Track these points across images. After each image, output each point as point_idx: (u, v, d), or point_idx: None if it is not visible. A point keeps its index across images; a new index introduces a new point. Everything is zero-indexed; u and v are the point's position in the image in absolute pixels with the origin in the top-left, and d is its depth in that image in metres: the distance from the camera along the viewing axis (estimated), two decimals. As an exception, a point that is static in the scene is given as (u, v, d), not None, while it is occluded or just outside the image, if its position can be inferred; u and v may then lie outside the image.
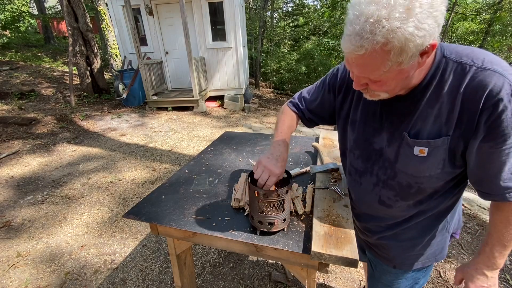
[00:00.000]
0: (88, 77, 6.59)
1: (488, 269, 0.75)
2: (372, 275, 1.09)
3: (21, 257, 2.05)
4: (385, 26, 0.51)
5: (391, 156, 0.78)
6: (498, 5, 12.12)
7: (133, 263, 2.01)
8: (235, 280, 1.84)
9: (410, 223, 0.86)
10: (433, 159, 0.70)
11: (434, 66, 0.66)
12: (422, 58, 0.58)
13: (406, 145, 0.73)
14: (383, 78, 0.62)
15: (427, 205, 0.81)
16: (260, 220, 0.91)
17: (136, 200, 2.79)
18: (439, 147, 0.68)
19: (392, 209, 0.86)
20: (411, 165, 0.74)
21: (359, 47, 0.56)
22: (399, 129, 0.75)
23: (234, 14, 6.35)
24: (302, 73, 11.32)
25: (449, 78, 0.64)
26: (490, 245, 0.73)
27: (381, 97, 0.70)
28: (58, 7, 14.48)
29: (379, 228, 0.94)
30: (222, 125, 5.41)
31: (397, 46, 0.53)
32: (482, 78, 0.60)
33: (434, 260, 0.92)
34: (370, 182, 0.87)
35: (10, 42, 11.47)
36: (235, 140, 1.91)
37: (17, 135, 4.37)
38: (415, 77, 0.66)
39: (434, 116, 0.68)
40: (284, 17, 16.57)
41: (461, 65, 0.63)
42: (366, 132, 0.84)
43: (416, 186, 0.77)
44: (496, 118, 0.59)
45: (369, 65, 0.59)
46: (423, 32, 0.52)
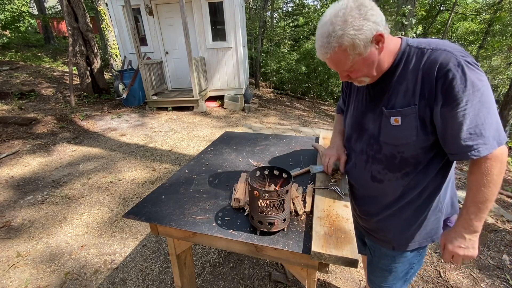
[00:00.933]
0: (88, 77, 6.59)
1: (466, 231, 0.82)
2: (370, 261, 1.17)
3: (21, 257, 2.05)
4: (334, 36, 0.76)
5: (375, 131, 0.92)
6: (498, 5, 12.11)
7: (133, 263, 2.01)
8: (235, 280, 1.84)
9: (403, 201, 0.94)
10: (406, 125, 0.83)
11: (400, 52, 0.84)
12: (379, 45, 0.79)
13: (385, 118, 0.88)
14: (355, 68, 0.83)
15: (414, 178, 0.90)
16: (260, 220, 0.92)
17: (136, 200, 2.79)
18: (409, 115, 0.82)
19: (383, 184, 0.95)
20: (390, 135, 0.87)
21: (325, 53, 0.81)
22: (379, 107, 0.91)
23: (234, 14, 6.35)
24: (302, 73, 11.32)
25: (412, 60, 0.82)
26: (465, 208, 0.82)
27: (365, 81, 0.89)
28: (58, 7, 14.49)
29: (376, 209, 1.02)
30: (222, 125, 5.41)
31: (349, 45, 0.76)
32: (435, 56, 0.77)
33: (430, 241, 0.99)
34: (362, 160, 1.00)
35: (10, 42, 11.47)
36: (235, 140, 1.91)
37: (17, 135, 4.37)
38: (386, 61, 0.84)
39: (403, 91, 0.84)
40: (284, 17, 16.56)
41: (420, 50, 0.81)
42: (358, 116, 1.01)
43: (399, 156, 0.88)
44: (448, 85, 0.73)
45: (338, 62, 0.82)
46: (362, 31, 0.75)
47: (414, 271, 1.09)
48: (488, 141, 0.73)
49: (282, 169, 1.04)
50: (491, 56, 13.91)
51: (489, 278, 1.84)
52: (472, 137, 0.74)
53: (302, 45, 13.23)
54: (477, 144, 0.74)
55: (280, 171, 1.05)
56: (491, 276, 1.85)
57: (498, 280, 1.82)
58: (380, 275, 1.13)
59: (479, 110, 0.72)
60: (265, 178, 1.10)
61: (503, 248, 2.12)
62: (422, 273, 1.90)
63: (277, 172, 1.05)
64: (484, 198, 0.77)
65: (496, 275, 1.86)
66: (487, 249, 2.11)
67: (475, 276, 1.86)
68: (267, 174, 1.09)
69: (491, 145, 0.73)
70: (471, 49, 14.82)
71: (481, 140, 0.73)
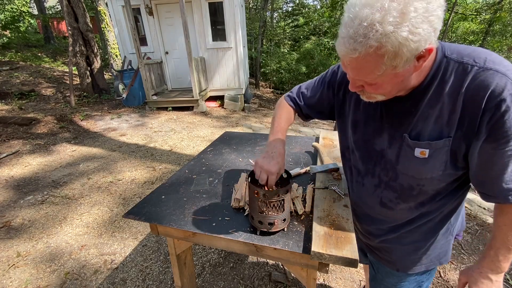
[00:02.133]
0: (88, 77, 6.59)
1: (493, 272, 0.73)
2: (374, 277, 1.08)
3: (21, 257, 2.05)
4: (379, 30, 0.51)
5: (392, 157, 0.77)
6: (498, 5, 12.12)
7: (133, 263, 2.01)
8: (235, 280, 1.84)
9: (413, 226, 0.85)
10: (434, 160, 0.69)
11: (435, 66, 0.65)
12: (419, 62, 0.58)
13: (407, 147, 0.72)
14: (378, 81, 0.62)
15: (429, 207, 0.80)
16: (260, 220, 0.91)
17: (136, 200, 2.79)
18: (440, 149, 0.68)
19: (393, 211, 0.85)
20: (412, 167, 0.73)
21: (353, 50, 0.56)
22: (399, 131, 0.74)
23: (234, 14, 6.35)
24: (302, 73, 11.33)
25: (450, 79, 0.64)
26: (494, 249, 0.72)
27: (377, 99, 0.70)
28: (58, 7, 14.48)
29: (381, 231, 0.92)
30: (222, 125, 5.41)
31: (391, 51, 0.53)
32: (484, 78, 0.59)
33: (438, 263, 0.91)
34: (372, 183, 0.86)
35: (10, 42, 11.47)
36: (235, 140, 1.91)
37: (17, 135, 4.37)
38: (414, 79, 0.65)
39: (435, 117, 0.67)
40: (284, 17, 16.56)
41: (462, 65, 0.62)
42: (367, 133, 0.83)
43: (418, 188, 0.76)
44: (499, 118, 0.58)
45: (363, 68, 0.59)
46: (417, 37, 0.52)
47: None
48: None
49: (282, 169, 1.03)
50: (491, 56, 13.88)
51: (489, 278, 1.84)
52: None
53: (302, 45, 13.24)
54: None
55: (280, 171, 1.04)
56: (491, 276, 1.85)
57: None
58: None
59: None
60: (265, 178, 1.10)
61: (503, 248, 2.12)
62: (422, 273, 1.90)
63: (277, 172, 1.05)
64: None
65: (496, 275, 1.86)
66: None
67: (475, 276, 1.86)
68: (267, 174, 1.09)
69: None
70: (471, 49, 14.83)
71: None
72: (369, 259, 1.11)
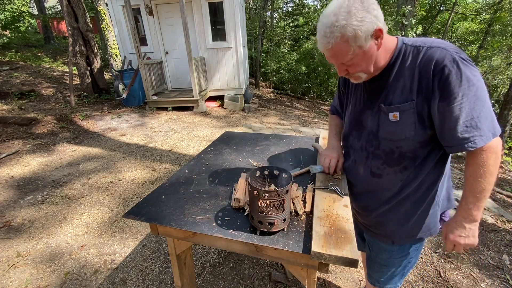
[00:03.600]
0: (88, 77, 6.59)
1: (466, 220, 0.85)
2: (369, 256, 1.19)
3: (21, 257, 2.05)
4: (337, 26, 0.77)
5: (373, 127, 0.94)
6: (498, 5, 12.11)
7: (133, 263, 2.01)
8: (235, 280, 1.84)
9: (402, 195, 0.96)
10: (405, 121, 0.85)
11: (397, 50, 0.87)
12: (378, 40, 0.81)
13: (383, 114, 0.90)
14: (354, 61, 0.84)
15: (412, 172, 0.92)
16: (260, 220, 0.92)
17: (136, 200, 2.79)
18: (407, 111, 0.85)
19: (382, 179, 0.97)
20: (389, 130, 0.89)
21: (327, 44, 0.81)
22: (377, 103, 0.93)
23: (234, 14, 6.35)
24: (302, 73, 11.31)
25: (408, 58, 0.85)
26: (464, 199, 0.84)
27: (362, 78, 0.90)
28: (58, 7, 14.48)
29: (376, 203, 1.03)
30: (222, 125, 5.41)
31: (351, 35, 0.77)
32: (430, 53, 0.80)
33: (428, 234, 1.01)
34: (363, 156, 1.01)
35: (10, 42, 11.47)
36: (235, 140, 1.91)
37: (17, 135, 4.36)
38: (382, 58, 0.87)
39: (400, 88, 0.86)
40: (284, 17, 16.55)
41: (416, 48, 0.84)
42: (356, 114, 1.03)
43: (397, 151, 0.90)
44: (445, 80, 0.77)
45: (339, 53, 0.82)
46: (364, 22, 0.76)
47: (411, 265, 1.11)
48: (483, 133, 0.76)
49: (282, 169, 1.04)
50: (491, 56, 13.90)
51: (489, 278, 1.84)
52: (468, 129, 0.77)
53: (302, 45, 13.23)
54: (473, 136, 0.77)
55: (280, 171, 1.05)
56: (491, 276, 1.85)
57: (498, 280, 1.82)
58: (379, 270, 1.15)
59: (475, 103, 0.76)
60: (265, 178, 1.10)
61: (503, 248, 2.12)
62: (422, 273, 1.90)
63: (277, 172, 1.05)
64: (482, 188, 0.80)
65: (496, 275, 1.86)
66: (487, 249, 2.11)
67: (475, 276, 1.86)
68: (267, 174, 1.09)
69: (487, 136, 0.76)
70: (471, 49, 14.81)
71: (477, 132, 0.76)
72: (366, 239, 1.22)
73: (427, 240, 2.21)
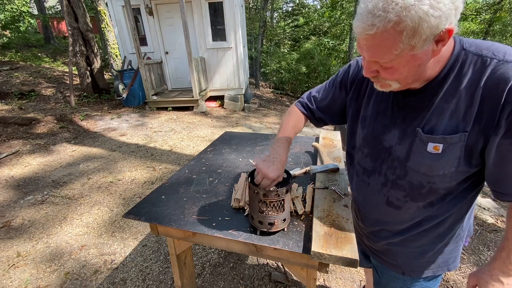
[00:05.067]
0: (88, 77, 6.59)
1: (504, 275, 0.69)
2: (379, 282, 1.04)
3: (21, 257, 2.05)
4: (399, 3, 0.50)
5: (401, 154, 0.74)
6: (498, 5, 12.12)
7: (133, 263, 2.01)
8: (235, 280, 1.84)
9: (420, 229, 0.81)
10: (448, 156, 0.66)
11: (452, 58, 0.63)
12: (437, 46, 0.56)
13: (420, 142, 0.69)
14: (394, 64, 0.60)
15: (438, 208, 0.76)
16: (260, 220, 0.91)
17: (136, 200, 2.79)
18: (455, 144, 0.64)
19: (400, 211, 0.81)
20: (424, 163, 0.70)
21: (371, 26, 0.54)
22: (412, 125, 0.71)
23: (234, 14, 6.35)
24: (302, 73, 11.32)
25: (468, 72, 0.61)
26: (506, 250, 0.68)
27: (392, 87, 0.67)
28: (58, 7, 14.48)
29: (387, 233, 0.89)
30: (222, 125, 5.41)
31: (410, 26, 0.51)
32: (504, 71, 0.56)
33: (446, 269, 0.87)
34: (379, 182, 0.82)
35: (10, 42, 11.46)
36: (235, 140, 1.91)
37: (17, 135, 4.37)
38: (430, 68, 0.63)
39: (450, 112, 0.64)
40: (284, 17, 16.58)
41: (481, 58, 0.60)
42: (376, 129, 0.80)
43: (428, 186, 0.73)
44: None
45: (380, 46, 0.57)
46: (438, 13, 0.50)
47: None
48: None
49: (282, 169, 1.03)
50: (491, 56, 13.88)
51: (489, 278, 1.84)
52: None
53: (302, 45, 13.23)
54: None
55: (280, 171, 1.04)
56: (491, 276, 1.85)
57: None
58: None
59: None
60: (265, 178, 1.10)
61: (503, 248, 2.12)
62: (422, 273, 1.90)
63: (277, 172, 1.05)
64: None
65: (496, 275, 1.86)
66: (487, 249, 2.11)
67: (475, 276, 1.86)
68: (267, 174, 1.09)
69: None
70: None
71: None
72: (372, 263, 1.07)
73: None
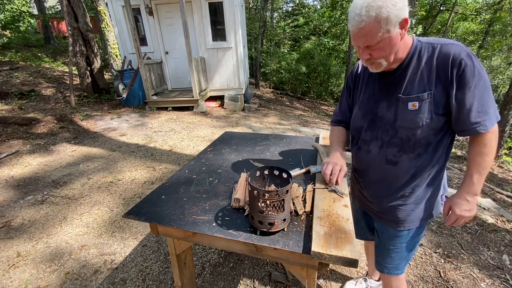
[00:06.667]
0: (88, 77, 6.59)
1: (469, 195, 0.97)
2: (378, 243, 1.25)
3: (21, 257, 2.05)
4: (374, 6, 0.83)
5: (390, 117, 1.01)
6: (498, 5, 12.11)
7: (133, 263, 2.01)
8: (235, 280, 1.84)
9: (415, 181, 1.04)
10: (423, 109, 0.94)
11: (413, 47, 0.96)
12: (402, 30, 0.89)
13: (402, 104, 0.98)
14: (380, 45, 0.90)
15: (425, 158, 1.01)
16: (260, 220, 0.92)
17: (136, 200, 2.79)
18: (425, 100, 0.93)
19: (397, 166, 1.04)
20: (407, 119, 0.97)
21: (360, 22, 0.86)
22: (394, 94, 1.00)
23: (234, 14, 6.35)
24: (302, 73, 11.32)
25: (424, 54, 0.94)
26: (469, 176, 0.96)
27: (382, 66, 0.96)
28: (58, 7, 14.48)
29: (389, 191, 1.10)
30: (222, 125, 5.41)
31: (384, 17, 0.84)
32: (447, 49, 0.90)
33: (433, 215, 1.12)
34: (377, 145, 1.07)
35: (10, 42, 11.46)
36: (235, 140, 1.91)
37: (17, 135, 4.36)
38: (401, 50, 0.94)
39: (418, 79, 0.95)
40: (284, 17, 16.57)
41: (431, 45, 0.94)
42: (370, 106, 1.08)
43: (414, 138, 0.98)
44: (462, 71, 0.87)
45: (369, 33, 0.87)
46: (397, 7, 0.83)
47: (415, 249, 1.20)
48: (491, 118, 0.90)
49: (282, 169, 1.04)
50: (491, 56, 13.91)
51: (489, 278, 1.84)
52: (479, 114, 0.89)
53: (302, 45, 13.23)
54: (484, 120, 0.89)
55: (280, 171, 1.05)
56: (491, 276, 1.85)
57: (498, 280, 1.82)
58: (387, 256, 1.21)
59: (483, 92, 0.88)
60: (265, 178, 1.10)
61: (503, 248, 2.12)
62: (422, 273, 1.90)
63: (277, 172, 1.05)
64: (485, 165, 0.93)
65: (496, 275, 1.86)
66: (487, 249, 2.11)
67: (475, 276, 1.86)
68: (267, 174, 1.09)
69: (492, 120, 0.90)
70: (471, 49, 14.75)
71: (486, 117, 0.89)
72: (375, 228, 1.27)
73: (427, 240, 2.21)
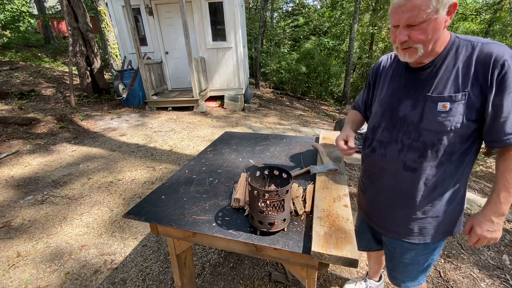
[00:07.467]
0: (88, 77, 6.59)
1: (495, 215, 0.86)
2: (392, 256, 1.15)
3: (21, 257, 2.05)
4: None
5: (415, 118, 0.91)
6: (498, 5, 12.11)
7: (133, 263, 2.01)
8: (235, 280, 1.84)
9: (434, 194, 0.95)
10: (454, 112, 0.84)
11: (450, 42, 0.87)
12: (448, 17, 0.81)
13: (431, 103, 0.88)
14: (423, 26, 0.80)
15: (447, 168, 0.91)
16: (260, 220, 0.92)
17: (136, 200, 2.79)
18: (458, 102, 0.84)
19: (416, 174, 0.94)
20: (435, 121, 0.87)
21: None
22: (422, 93, 0.90)
23: (234, 14, 6.35)
24: (302, 73, 11.33)
25: (462, 51, 0.85)
26: (496, 193, 0.86)
27: (417, 54, 0.85)
28: (58, 7, 14.48)
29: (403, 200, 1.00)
30: (222, 125, 5.41)
31: None
32: (489, 48, 0.81)
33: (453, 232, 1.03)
34: (395, 149, 0.97)
35: (10, 42, 11.46)
36: (235, 140, 1.91)
37: (17, 135, 4.36)
38: (440, 43, 0.85)
39: (452, 79, 0.85)
40: (284, 17, 16.57)
41: (471, 43, 0.85)
42: (392, 103, 0.98)
43: (438, 144, 0.88)
44: (504, 73, 0.78)
45: (416, 8, 0.78)
46: None
47: (434, 261, 1.11)
48: None
49: (282, 169, 1.04)
50: (491, 56, 13.85)
51: (489, 278, 1.84)
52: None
53: (302, 45, 13.24)
54: None
55: (280, 171, 1.05)
56: (491, 276, 1.85)
57: (498, 280, 1.82)
58: (404, 270, 1.13)
59: None
60: (265, 178, 1.10)
61: (503, 248, 2.12)
62: (422, 273, 1.90)
63: (277, 172, 1.05)
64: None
65: (496, 275, 1.86)
66: (487, 249, 2.11)
67: (475, 276, 1.86)
68: (267, 174, 1.09)
69: None
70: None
71: None
72: (384, 241, 1.18)
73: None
